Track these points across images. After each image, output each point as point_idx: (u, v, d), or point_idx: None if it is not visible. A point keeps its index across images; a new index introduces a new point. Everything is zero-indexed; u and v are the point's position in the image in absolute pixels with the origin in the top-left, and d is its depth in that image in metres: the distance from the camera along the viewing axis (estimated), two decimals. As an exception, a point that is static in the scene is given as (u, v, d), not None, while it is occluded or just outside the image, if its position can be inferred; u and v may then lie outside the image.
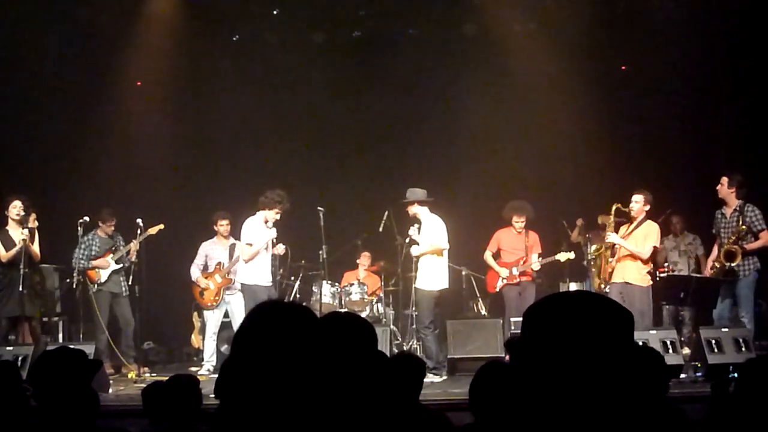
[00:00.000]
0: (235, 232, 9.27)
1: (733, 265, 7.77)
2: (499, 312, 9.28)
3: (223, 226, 9.26)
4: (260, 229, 8.42)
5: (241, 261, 8.50)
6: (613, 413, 1.50)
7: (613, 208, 8.18)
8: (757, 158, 9.81)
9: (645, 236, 7.99)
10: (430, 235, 8.28)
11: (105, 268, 8.97)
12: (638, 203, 8.05)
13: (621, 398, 1.53)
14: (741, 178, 7.95)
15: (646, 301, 7.96)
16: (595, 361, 1.50)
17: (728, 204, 7.98)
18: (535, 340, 1.55)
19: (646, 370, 2.97)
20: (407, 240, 8.60)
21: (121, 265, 9.07)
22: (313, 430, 1.78)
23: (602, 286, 8.29)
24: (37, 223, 8.26)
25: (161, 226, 8.98)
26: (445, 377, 8.05)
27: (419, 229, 8.40)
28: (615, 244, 8.13)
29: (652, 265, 8.15)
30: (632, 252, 7.95)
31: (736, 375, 3.43)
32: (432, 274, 8.27)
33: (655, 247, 8.00)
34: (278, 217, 8.43)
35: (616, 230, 8.17)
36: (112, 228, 9.15)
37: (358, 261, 10.41)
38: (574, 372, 1.49)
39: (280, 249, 8.59)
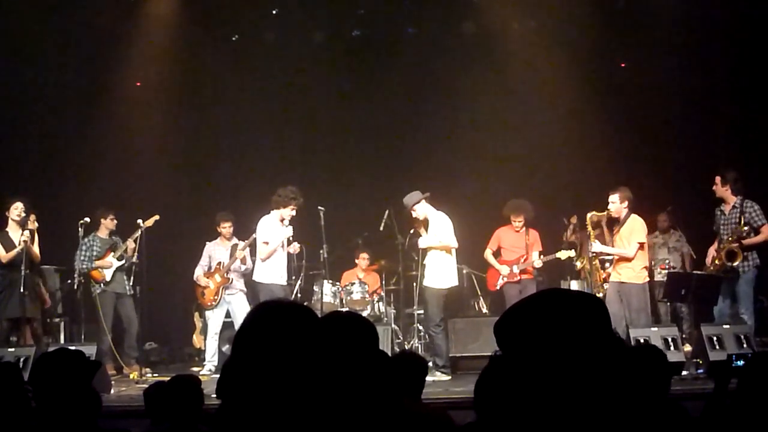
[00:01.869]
0: (237, 233, 9.28)
1: (733, 264, 7.78)
2: (501, 310, 9.21)
3: (226, 227, 9.26)
4: (276, 227, 8.42)
5: (258, 259, 8.50)
6: (613, 410, 1.50)
7: (588, 216, 8.20)
8: (756, 155, 9.81)
9: (630, 232, 7.99)
10: (439, 232, 8.26)
11: (108, 267, 8.97)
12: (614, 203, 8.04)
13: (619, 394, 1.53)
14: (734, 174, 7.94)
15: (643, 299, 7.98)
16: (574, 355, 1.50)
17: (727, 201, 7.98)
18: (512, 350, 1.56)
19: (647, 367, 2.97)
20: (411, 231, 8.60)
21: (123, 262, 9.07)
22: (314, 430, 1.78)
23: (599, 294, 8.30)
24: (36, 225, 8.25)
25: (156, 217, 8.93)
26: (451, 377, 8.04)
27: (426, 228, 8.40)
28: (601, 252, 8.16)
29: (647, 259, 8.14)
30: (619, 255, 7.97)
31: (740, 363, 3.44)
32: (441, 272, 8.25)
33: (640, 243, 7.94)
34: (294, 213, 8.44)
35: (609, 229, 8.16)
36: (114, 221, 9.14)
37: (357, 261, 10.37)
38: (559, 370, 1.50)
39: (295, 247, 8.59)
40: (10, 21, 9.67)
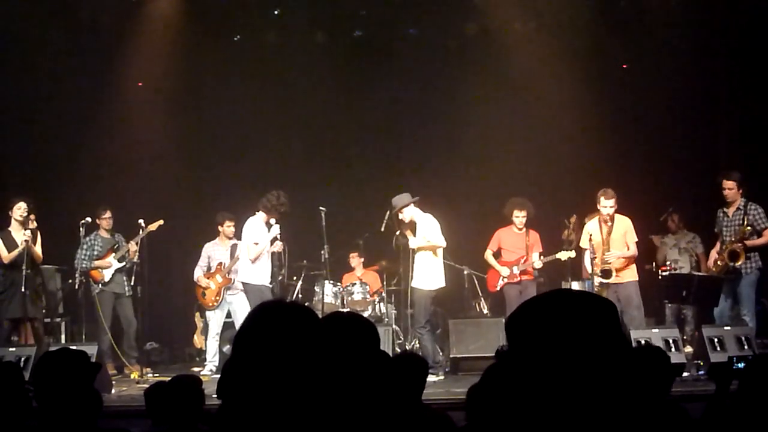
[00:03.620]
0: (237, 233, 9.29)
1: (736, 264, 7.79)
2: (501, 311, 9.28)
3: (229, 227, 9.27)
4: (263, 228, 8.43)
5: (246, 261, 8.49)
6: (614, 411, 1.51)
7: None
8: (757, 156, 9.80)
9: (625, 233, 8.20)
10: (426, 233, 8.29)
11: (107, 267, 8.98)
12: (613, 207, 8.19)
13: (623, 395, 1.53)
14: (742, 176, 7.98)
15: (639, 294, 8.17)
16: (584, 356, 1.50)
17: (732, 203, 7.99)
18: (523, 347, 1.56)
19: (650, 368, 2.98)
20: (398, 232, 8.62)
21: (124, 264, 9.07)
22: (315, 431, 1.78)
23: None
24: (35, 224, 8.27)
25: (161, 222, 8.97)
26: (442, 377, 8.05)
27: (414, 230, 8.41)
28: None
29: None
30: (628, 258, 8.12)
31: (740, 365, 3.44)
32: (428, 273, 8.28)
33: (636, 242, 8.23)
34: (278, 216, 8.46)
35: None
36: (110, 220, 9.13)
37: (353, 265, 10.36)
38: (567, 370, 1.50)
39: (278, 246, 8.58)
40: (11, 21, 9.67)
